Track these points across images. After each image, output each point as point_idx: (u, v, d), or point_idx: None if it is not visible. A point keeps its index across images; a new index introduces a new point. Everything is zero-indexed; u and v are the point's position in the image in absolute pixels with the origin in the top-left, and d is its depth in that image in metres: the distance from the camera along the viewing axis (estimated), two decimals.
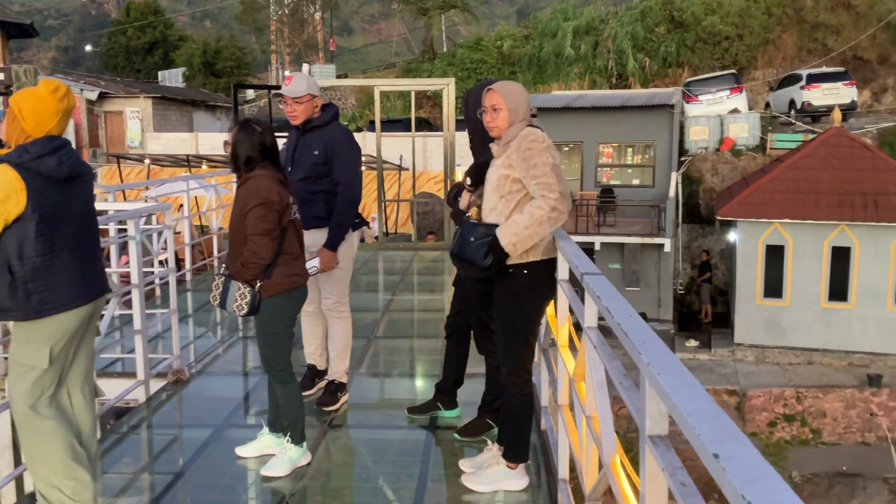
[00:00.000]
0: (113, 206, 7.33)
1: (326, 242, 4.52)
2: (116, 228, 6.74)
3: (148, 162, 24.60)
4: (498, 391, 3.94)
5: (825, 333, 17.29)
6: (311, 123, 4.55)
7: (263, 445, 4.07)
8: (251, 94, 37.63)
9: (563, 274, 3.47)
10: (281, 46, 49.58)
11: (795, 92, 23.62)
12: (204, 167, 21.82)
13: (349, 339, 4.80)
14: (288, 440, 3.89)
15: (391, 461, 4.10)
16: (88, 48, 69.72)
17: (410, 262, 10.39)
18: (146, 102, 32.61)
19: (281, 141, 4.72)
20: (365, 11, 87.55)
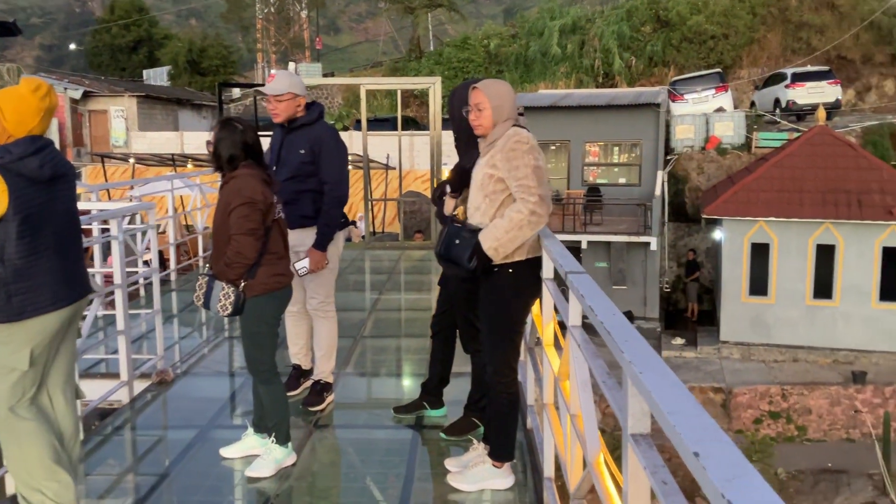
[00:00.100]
0: (96, 205, 7.27)
1: (315, 242, 4.50)
2: (100, 228, 6.68)
3: (133, 161, 24.45)
4: (484, 390, 3.94)
5: (810, 331, 17.40)
6: (296, 122, 4.52)
7: (248, 446, 4.05)
8: (237, 92, 37.43)
9: (548, 273, 3.47)
10: (267, 45, 49.44)
11: (780, 91, 23.76)
12: (189, 166, 21.70)
13: (335, 338, 4.78)
14: (273, 441, 3.88)
15: (377, 461, 4.09)
16: (73, 47, 69.21)
17: (397, 261, 10.38)
18: (131, 101, 32.38)
19: (266, 140, 4.71)
20: (352, 10, 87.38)
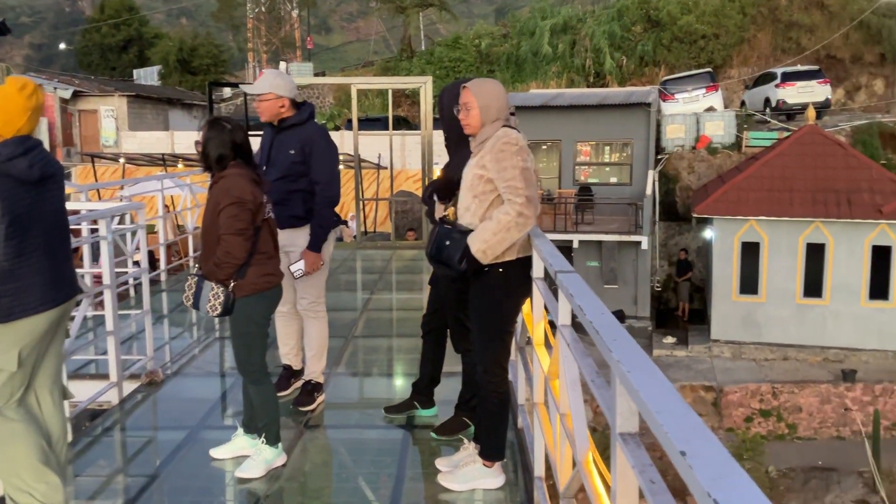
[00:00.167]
0: (86, 205, 7.24)
1: (309, 244, 4.50)
2: (89, 228, 6.65)
3: (123, 161, 24.37)
4: (475, 390, 3.94)
5: (800, 329, 17.47)
6: (286, 122, 4.49)
7: (238, 447, 4.04)
8: (228, 92, 37.32)
9: (538, 272, 3.48)
10: (258, 44, 49.33)
11: (770, 90, 23.85)
12: (180, 166, 21.64)
13: (325, 338, 4.77)
14: (263, 441, 3.86)
15: (368, 461, 4.08)
16: (62, 46, 68.83)
17: (389, 260, 10.37)
18: (121, 101, 32.25)
19: (256, 140, 4.69)
20: (343, 9, 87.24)
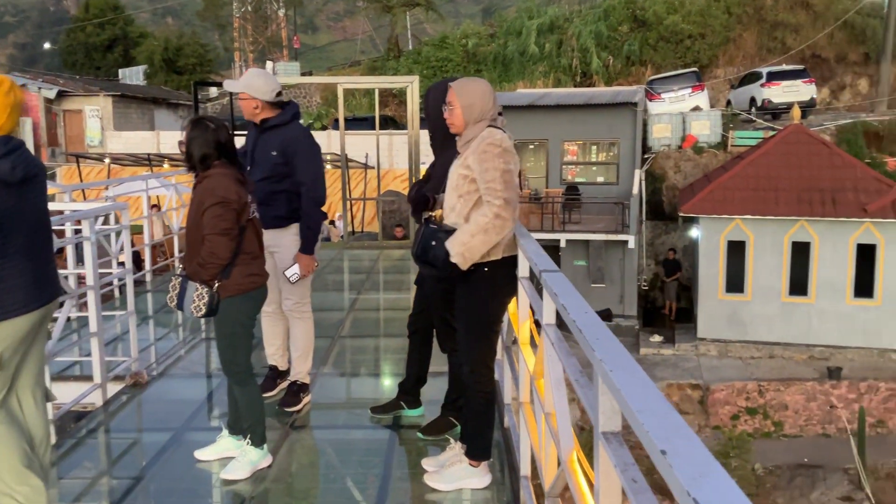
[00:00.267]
0: (70, 206, 7.19)
1: (301, 247, 4.49)
2: (73, 229, 6.61)
3: (108, 161, 24.21)
4: (461, 389, 3.93)
5: (786, 327, 17.58)
6: (268, 122, 4.46)
7: (223, 448, 4.02)
8: (214, 92, 37.11)
9: (523, 272, 3.48)
10: (244, 44, 49.14)
11: (756, 90, 23.99)
12: (166, 166, 21.51)
13: (311, 339, 4.75)
14: (248, 443, 3.85)
15: (355, 461, 4.07)
16: (47, 45, 68.34)
17: (376, 260, 10.36)
18: (106, 101, 32.05)
19: (241, 140, 4.66)
20: (329, 9, 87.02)
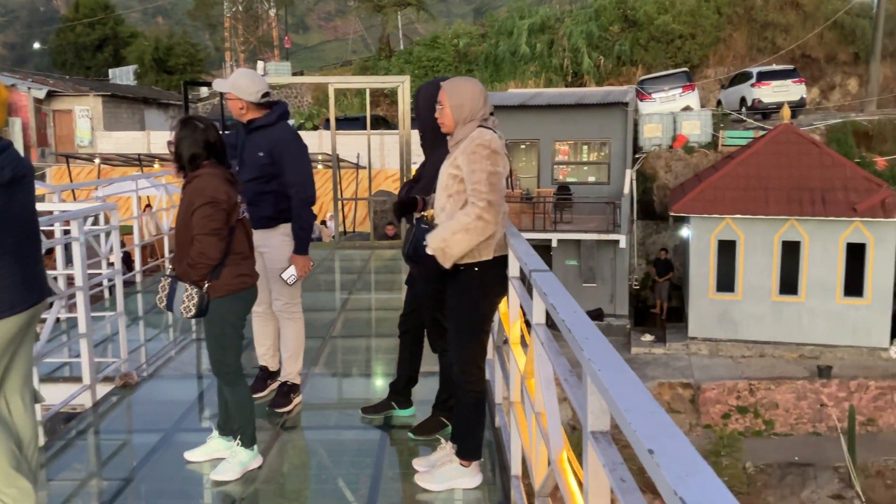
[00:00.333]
0: (59, 206, 7.15)
1: (296, 248, 4.49)
2: (63, 230, 6.57)
3: (98, 161, 24.11)
4: (452, 389, 3.93)
5: (776, 326, 17.64)
6: (255, 123, 4.44)
7: (213, 449, 4.00)
8: (205, 91, 36.99)
9: (514, 271, 3.48)
10: (235, 43, 49.00)
11: (746, 89, 24.08)
12: (156, 166, 21.43)
13: (301, 339, 4.74)
14: (238, 444, 3.83)
15: (346, 462, 4.07)
16: (36, 45, 67.98)
17: (368, 260, 10.35)
18: (96, 101, 31.92)
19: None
20: (321, 8, 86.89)
